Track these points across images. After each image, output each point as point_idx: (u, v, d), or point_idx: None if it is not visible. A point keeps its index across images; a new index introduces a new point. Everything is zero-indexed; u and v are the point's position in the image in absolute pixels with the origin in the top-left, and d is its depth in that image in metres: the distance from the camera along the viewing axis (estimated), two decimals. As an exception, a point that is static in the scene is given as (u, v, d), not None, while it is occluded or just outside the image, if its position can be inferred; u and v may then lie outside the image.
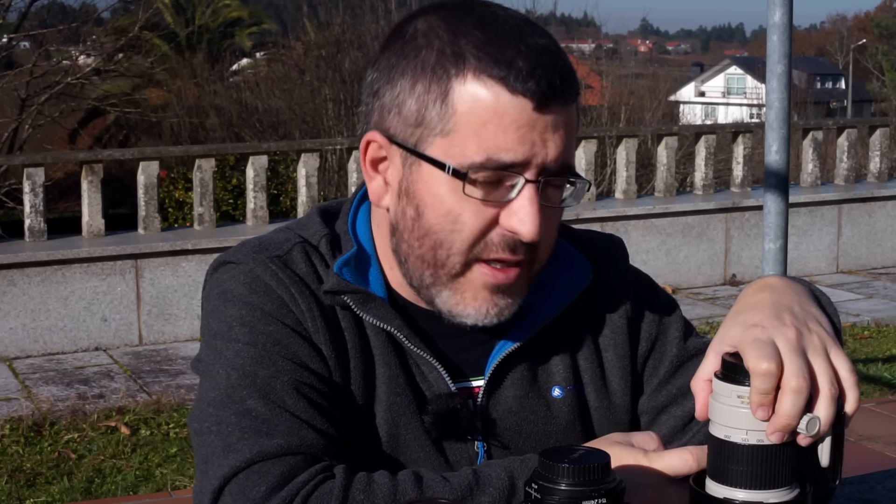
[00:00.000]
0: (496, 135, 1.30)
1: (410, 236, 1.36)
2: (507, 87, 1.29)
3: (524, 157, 1.30)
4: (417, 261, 1.37)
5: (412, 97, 1.34)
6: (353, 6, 21.24)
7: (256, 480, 1.26)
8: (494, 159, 1.30)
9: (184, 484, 5.44)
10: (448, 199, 1.32)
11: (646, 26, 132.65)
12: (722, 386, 1.18)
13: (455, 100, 1.31)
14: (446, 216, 1.33)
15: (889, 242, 10.80)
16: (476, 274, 1.35)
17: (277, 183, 14.31)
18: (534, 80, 1.29)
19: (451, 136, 1.31)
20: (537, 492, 1.11)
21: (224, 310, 1.40)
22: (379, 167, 1.40)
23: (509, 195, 1.32)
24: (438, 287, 1.37)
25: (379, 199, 1.40)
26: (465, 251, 1.34)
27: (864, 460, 5.31)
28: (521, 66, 1.29)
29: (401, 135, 1.35)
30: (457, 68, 1.31)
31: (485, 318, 1.37)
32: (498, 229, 1.33)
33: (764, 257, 4.80)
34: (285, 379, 1.34)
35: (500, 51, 1.30)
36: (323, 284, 1.40)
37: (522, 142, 1.30)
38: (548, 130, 1.31)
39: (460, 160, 1.31)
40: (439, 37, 1.33)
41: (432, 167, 1.33)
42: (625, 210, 9.66)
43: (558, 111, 1.31)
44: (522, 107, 1.29)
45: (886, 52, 49.05)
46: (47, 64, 19.22)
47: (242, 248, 1.44)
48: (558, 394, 1.47)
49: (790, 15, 4.61)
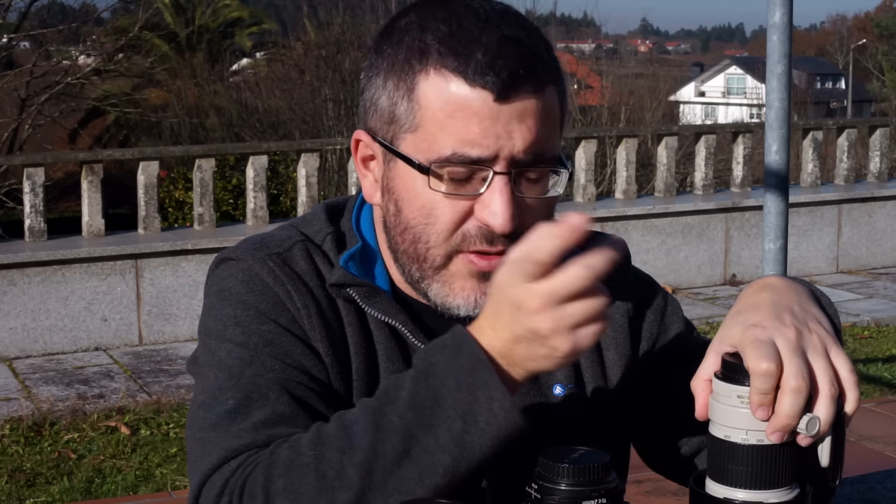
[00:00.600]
0: (459, 129, 1.30)
1: (395, 232, 1.38)
2: (466, 79, 1.30)
3: (490, 150, 1.30)
4: (404, 256, 1.38)
5: (385, 94, 1.36)
6: (353, 6, 21.24)
7: (218, 482, 1.26)
8: (460, 153, 1.30)
9: (184, 484, 5.44)
10: (421, 193, 1.34)
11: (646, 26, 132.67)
12: (722, 386, 1.18)
13: (420, 95, 1.32)
14: (420, 210, 1.34)
15: (889, 242, 10.80)
16: (460, 264, 1.36)
17: (277, 183, 14.31)
18: (493, 72, 1.29)
19: (419, 131, 1.33)
20: (537, 492, 1.11)
21: (220, 308, 1.40)
22: (369, 165, 1.42)
23: (480, 188, 1.32)
24: (427, 281, 1.38)
25: (371, 196, 1.42)
26: (441, 243, 1.34)
27: (864, 460, 5.31)
28: (480, 58, 1.29)
29: (380, 132, 1.37)
30: (420, 63, 1.32)
31: (474, 308, 1.36)
32: (473, 221, 1.34)
33: (764, 257, 4.80)
34: (270, 377, 1.34)
35: (461, 44, 1.31)
36: (327, 280, 1.41)
37: (486, 135, 1.30)
38: (513, 121, 1.30)
39: (428, 155, 1.32)
40: (409, 33, 1.35)
41: (404, 163, 1.34)
42: (625, 210, 9.66)
43: (524, 100, 1.31)
44: (483, 99, 1.30)
45: (886, 52, 49.06)
46: (47, 64, 19.22)
47: (243, 245, 1.45)
48: (560, 392, 1.47)
49: (790, 15, 4.61)
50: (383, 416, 1.19)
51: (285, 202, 14.12)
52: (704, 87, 59.82)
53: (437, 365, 1.20)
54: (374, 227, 1.47)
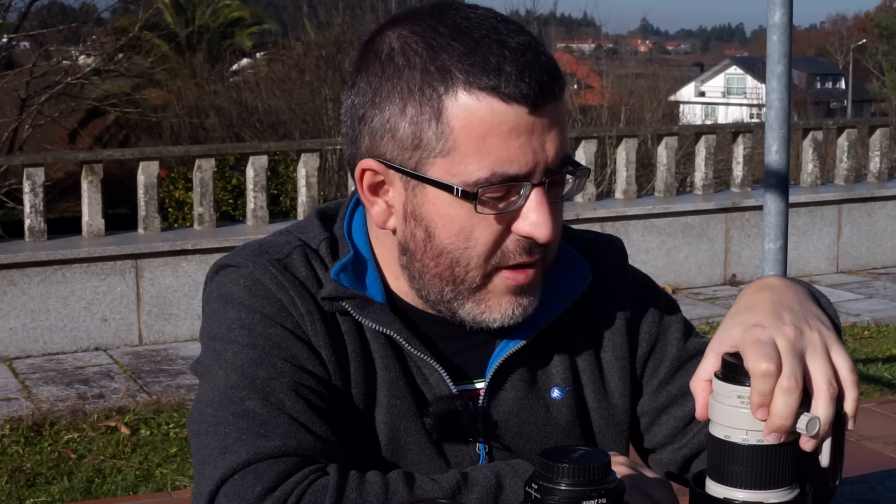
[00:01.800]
0: (497, 147, 1.29)
1: (424, 256, 1.36)
2: (500, 95, 1.28)
3: (529, 166, 1.30)
4: (435, 279, 1.36)
5: (404, 120, 1.31)
6: (353, 6, 21.25)
7: (252, 481, 1.26)
8: (500, 173, 1.29)
9: (184, 484, 5.44)
10: (458, 217, 1.32)
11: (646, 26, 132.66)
12: (722, 386, 1.18)
13: (450, 117, 1.29)
14: (459, 234, 1.33)
15: (889, 242, 10.80)
16: (498, 281, 1.36)
17: (277, 183, 14.30)
18: (525, 83, 1.28)
19: (453, 154, 1.30)
20: (537, 492, 1.11)
21: (224, 312, 1.40)
22: (379, 192, 1.38)
23: (518, 202, 1.32)
24: (461, 300, 1.37)
25: (384, 223, 1.39)
26: (482, 264, 1.34)
27: (864, 460, 5.31)
28: (509, 70, 1.28)
29: (398, 159, 1.33)
30: (445, 85, 1.29)
31: (511, 319, 1.38)
32: (512, 236, 1.33)
33: (764, 257, 4.80)
34: (284, 381, 1.34)
35: (484, 59, 1.28)
36: (319, 292, 1.40)
37: (524, 151, 1.29)
38: (545, 132, 1.30)
39: (465, 178, 1.30)
40: (418, 54, 1.31)
41: (437, 189, 1.32)
42: (625, 210, 9.66)
43: (551, 107, 1.31)
44: (518, 113, 1.29)
45: (886, 52, 49.06)
46: (47, 64, 19.20)
47: (242, 252, 1.44)
48: (557, 395, 1.47)
49: (790, 15, 4.61)
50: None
51: (285, 202, 14.12)
52: (704, 87, 59.80)
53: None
54: (367, 234, 1.45)
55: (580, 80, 25.32)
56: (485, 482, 1.30)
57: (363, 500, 1.26)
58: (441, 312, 1.41)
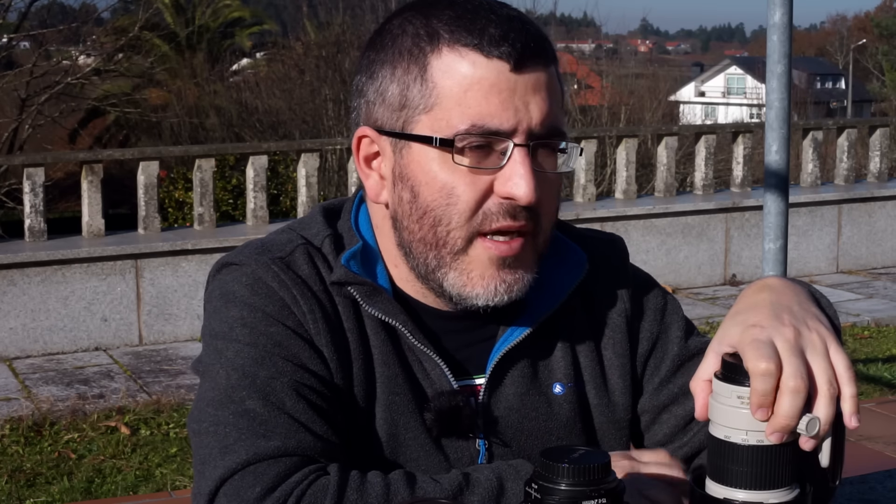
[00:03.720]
0: (478, 101, 1.32)
1: (409, 221, 1.37)
2: (482, 51, 1.32)
3: (510, 123, 1.32)
4: (420, 244, 1.37)
5: (393, 82, 1.36)
6: (353, 6, 21.25)
7: (252, 481, 1.26)
8: (479, 125, 1.32)
9: (184, 484, 5.44)
10: (440, 173, 1.34)
11: (646, 26, 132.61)
12: (722, 386, 1.18)
13: (434, 74, 1.33)
14: (441, 191, 1.34)
15: (889, 242, 10.80)
16: (479, 250, 1.36)
17: (277, 183, 14.30)
18: (507, 43, 1.32)
19: (435, 109, 1.33)
20: (537, 492, 1.11)
21: (225, 311, 1.40)
22: (372, 164, 1.41)
23: (500, 162, 1.33)
24: (444, 269, 1.37)
25: (377, 196, 1.41)
26: (463, 224, 1.35)
27: (864, 460, 5.31)
28: (493, 31, 1.32)
29: (388, 123, 1.37)
30: (431, 45, 1.34)
31: (494, 297, 1.37)
32: (494, 198, 1.34)
33: (764, 257, 4.80)
34: (285, 380, 1.34)
35: (471, 22, 1.34)
36: (328, 279, 1.40)
37: (505, 107, 1.32)
38: (528, 92, 1.33)
39: (446, 131, 1.33)
40: (412, 23, 1.37)
41: (421, 145, 1.35)
42: (625, 210, 9.66)
43: (537, 71, 1.34)
44: (499, 69, 1.32)
45: (886, 52, 49.05)
46: (47, 64, 19.21)
47: (245, 250, 1.44)
48: (559, 390, 1.47)
49: (790, 15, 4.61)
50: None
51: (285, 202, 14.12)
52: (704, 87, 59.80)
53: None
54: (373, 229, 1.46)
55: (580, 80, 25.34)
56: (486, 483, 1.30)
57: (364, 501, 1.26)
58: (433, 290, 1.41)
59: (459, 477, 1.31)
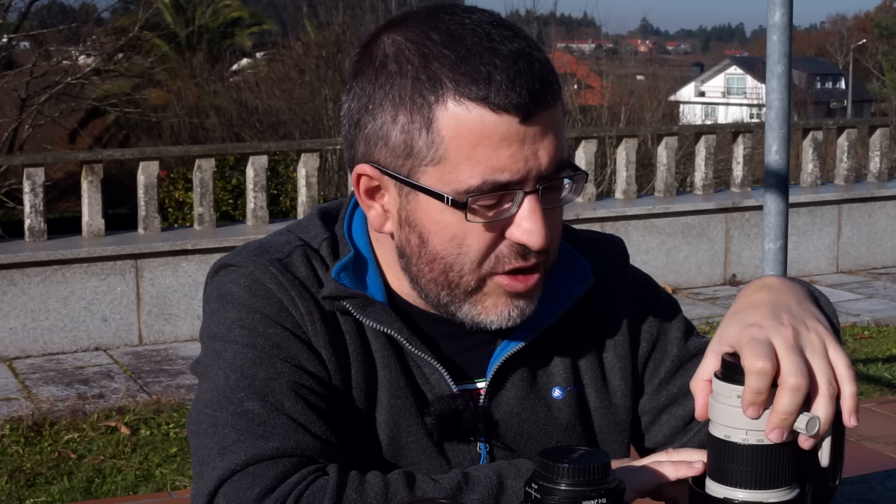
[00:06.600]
0: (488, 156, 1.28)
1: (419, 262, 1.36)
2: (490, 105, 1.27)
3: (520, 174, 1.29)
4: (430, 283, 1.37)
5: (395, 128, 1.32)
6: (353, 6, 21.25)
7: (250, 482, 1.26)
8: (490, 181, 1.29)
9: (184, 484, 5.44)
10: (450, 224, 1.32)
11: (646, 26, 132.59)
12: (722, 386, 1.18)
13: (440, 127, 1.29)
14: (451, 241, 1.33)
15: (889, 242, 10.79)
16: (493, 286, 1.36)
17: (277, 183, 14.30)
18: (515, 93, 1.27)
19: (444, 163, 1.30)
20: (537, 492, 1.11)
21: (224, 312, 1.39)
22: (375, 196, 1.38)
23: (511, 210, 1.31)
24: (458, 303, 1.37)
25: (381, 227, 1.39)
26: (475, 269, 1.34)
27: (864, 460, 5.31)
28: (499, 79, 1.27)
29: (391, 165, 1.34)
30: (435, 94, 1.29)
31: (508, 321, 1.38)
32: (506, 242, 1.33)
33: (764, 257, 4.80)
34: (284, 381, 1.34)
35: (474, 68, 1.28)
36: (320, 292, 1.40)
37: (515, 159, 1.29)
38: (537, 140, 1.30)
39: (456, 186, 1.30)
40: (410, 61, 1.31)
41: (429, 196, 1.32)
42: (625, 210, 9.66)
43: (545, 115, 1.30)
44: (509, 123, 1.28)
45: (886, 52, 49.04)
46: (47, 64, 19.20)
47: (243, 252, 1.44)
48: (558, 394, 1.47)
49: (790, 15, 4.61)
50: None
51: (285, 202, 14.12)
52: (704, 87, 59.79)
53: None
54: (368, 235, 1.46)
55: (580, 80, 25.32)
56: (486, 482, 1.30)
57: (363, 501, 1.26)
58: (442, 313, 1.41)
59: (459, 476, 1.30)
